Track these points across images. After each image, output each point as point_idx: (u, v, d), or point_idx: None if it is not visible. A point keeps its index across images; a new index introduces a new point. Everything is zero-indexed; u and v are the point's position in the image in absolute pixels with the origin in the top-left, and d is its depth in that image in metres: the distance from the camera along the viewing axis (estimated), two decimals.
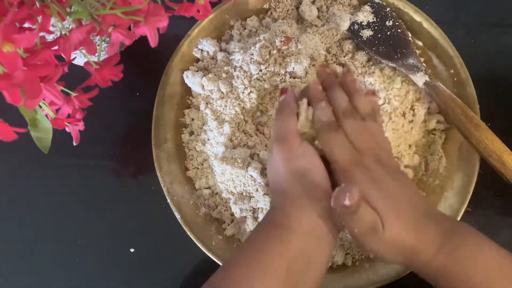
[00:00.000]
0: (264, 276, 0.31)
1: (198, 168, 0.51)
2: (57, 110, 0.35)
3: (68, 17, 0.29)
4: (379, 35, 0.51)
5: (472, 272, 0.31)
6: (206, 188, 0.50)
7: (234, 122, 0.48)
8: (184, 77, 0.51)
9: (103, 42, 0.48)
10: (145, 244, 0.51)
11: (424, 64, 0.50)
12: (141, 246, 0.51)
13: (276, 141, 0.37)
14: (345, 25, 0.51)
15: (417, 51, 0.51)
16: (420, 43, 0.52)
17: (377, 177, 0.34)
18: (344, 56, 0.52)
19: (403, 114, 0.50)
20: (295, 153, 0.35)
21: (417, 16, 0.51)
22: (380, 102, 0.49)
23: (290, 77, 0.48)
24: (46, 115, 0.35)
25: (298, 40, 0.49)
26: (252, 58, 0.48)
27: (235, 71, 0.48)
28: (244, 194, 0.47)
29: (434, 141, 0.51)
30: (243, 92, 0.48)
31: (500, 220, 0.50)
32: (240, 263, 0.33)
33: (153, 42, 0.31)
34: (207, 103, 0.50)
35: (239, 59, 0.48)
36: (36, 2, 0.28)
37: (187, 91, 0.52)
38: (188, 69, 0.51)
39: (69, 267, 0.51)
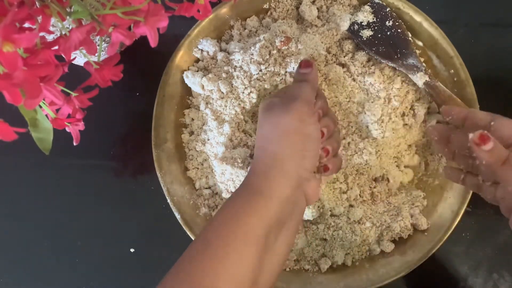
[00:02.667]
0: (245, 245, 0.32)
1: (198, 168, 0.51)
2: (57, 110, 0.35)
3: (68, 17, 0.29)
4: (379, 35, 0.51)
5: None
6: (206, 188, 0.50)
7: (234, 122, 0.48)
8: (184, 77, 0.51)
9: (103, 42, 0.48)
10: (145, 244, 0.51)
11: (424, 64, 0.50)
12: (141, 246, 0.51)
13: (293, 99, 0.36)
14: (345, 25, 0.51)
15: (417, 51, 0.51)
16: (420, 43, 0.52)
17: None
18: (344, 56, 0.52)
19: (403, 114, 0.50)
20: (310, 118, 0.36)
21: (417, 16, 0.51)
22: (381, 101, 0.49)
23: (290, 77, 0.48)
24: (46, 115, 0.35)
25: (298, 40, 0.49)
26: (252, 58, 0.48)
27: (235, 71, 0.48)
28: None
29: None
30: (243, 92, 0.48)
31: (500, 220, 0.50)
32: (220, 230, 0.33)
33: (153, 42, 0.31)
34: (207, 103, 0.50)
35: (239, 59, 0.48)
36: (36, 2, 0.28)
37: (187, 91, 0.52)
38: (188, 69, 0.51)
39: (69, 267, 0.51)
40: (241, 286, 0.31)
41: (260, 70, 0.47)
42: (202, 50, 0.52)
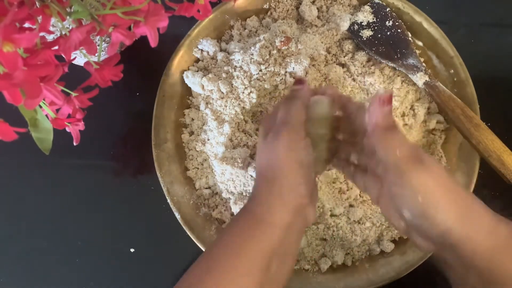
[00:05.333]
0: (246, 276, 0.32)
1: (198, 168, 0.51)
2: (57, 110, 0.35)
3: (68, 17, 0.29)
4: (379, 35, 0.51)
5: None
6: (206, 188, 0.50)
7: (234, 122, 0.48)
8: (184, 77, 0.51)
9: (103, 42, 0.48)
10: (145, 244, 0.51)
11: (424, 64, 0.50)
12: (141, 246, 0.51)
13: (283, 126, 0.36)
14: (345, 25, 0.51)
15: (417, 51, 0.51)
16: (420, 43, 0.52)
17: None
18: (344, 56, 0.52)
19: (403, 114, 0.50)
20: (300, 144, 0.35)
21: (417, 16, 0.51)
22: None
23: (290, 77, 0.48)
24: (46, 115, 0.35)
25: (298, 40, 0.49)
26: (252, 58, 0.48)
27: (235, 71, 0.48)
28: (244, 194, 0.47)
29: (434, 141, 0.51)
30: (243, 92, 0.48)
31: None
32: (220, 259, 0.33)
33: (153, 42, 0.31)
34: (207, 103, 0.50)
35: (239, 59, 0.48)
36: (36, 2, 0.28)
37: (187, 91, 0.52)
38: (188, 69, 0.51)
39: (69, 267, 0.51)
40: None
41: (260, 70, 0.47)
42: (202, 50, 0.52)
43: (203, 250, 0.46)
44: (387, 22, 0.51)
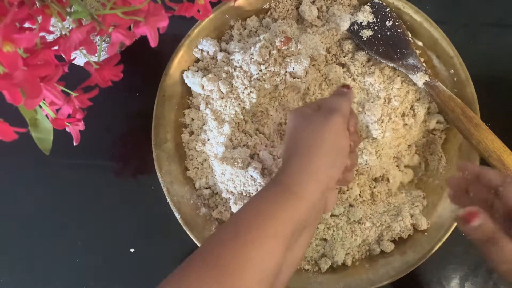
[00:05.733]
0: (275, 240, 0.33)
1: (198, 168, 0.51)
2: (57, 110, 0.35)
3: (68, 17, 0.29)
4: (379, 35, 0.51)
5: None
6: (206, 188, 0.50)
7: (234, 122, 0.48)
8: (184, 77, 0.51)
9: (103, 42, 0.48)
10: (145, 244, 0.51)
11: (424, 64, 0.50)
12: (141, 246, 0.51)
13: (334, 111, 0.38)
14: (345, 25, 0.51)
15: (417, 51, 0.51)
16: (420, 43, 0.52)
17: None
18: (344, 56, 0.52)
19: (403, 114, 0.50)
20: (344, 132, 0.38)
21: (417, 16, 0.51)
22: (381, 101, 0.49)
23: (290, 77, 0.48)
24: (46, 115, 0.35)
25: (298, 40, 0.49)
26: (252, 58, 0.48)
27: (235, 71, 0.48)
28: (244, 194, 0.47)
29: (434, 141, 0.51)
30: (243, 92, 0.48)
31: None
32: (251, 222, 0.34)
33: (153, 42, 0.31)
34: (207, 103, 0.50)
35: (239, 59, 0.48)
36: (36, 2, 0.28)
37: (187, 91, 0.52)
38: (188, 69, 0.51)
39: (69, 267, 0.51)
40: (265, 279, 0.32)
41: (260, 70, 0.47)
42: (202, 50, 0.52)
43: None
44: (387, 22, 0.51)
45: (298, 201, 0.34)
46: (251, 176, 0.46)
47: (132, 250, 0.51)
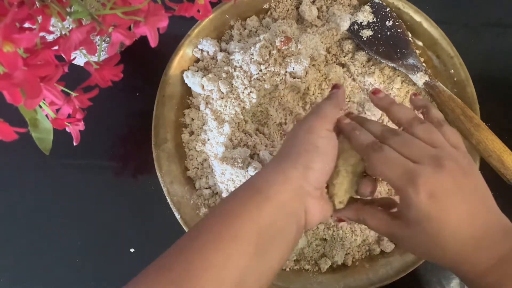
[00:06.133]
0: (236, 240, 0.31)
1: (198, 168, 0.51)
2: (57, 110, 0.35)
3: (68, 17, 0.29)
4: (379, 35, 0.51)
5: None
6: (206, 188, 0.50)
7: (234, 122, 0.48)
8: (184, 77, 0.51)
9: (103, 42, 0.48)
10: (145, 244, 0.51)
11: (424, 64, 0.50)
12: (141, 246, 0.51)
13: (310, 115, 0.37)
14: (345, 25, 0.51)
15: (417, 51, 0.51)
16: (420, 43, 0.52)
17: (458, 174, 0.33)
18: (344, 56, 0.52)
19: None
20: (321, 131, 0.36)
21: (417, 16, 0.51)
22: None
23: (290, 77, 0.48)
24: (46, 115, 0.35)
25: (298, 40, 0.49)
26: (252, 58, 0.48)
27: (235, 71, 0.48)
28: None
29: None
30: (243, 92, 0.48)
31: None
32: (211, 226, 0.32)
33: (153, 42, 0.31)
34: (207, 103, 0.50)
35: (239, 59, 0.48)
36: (36, 2, 0.28)
37: (187, 91, 0.52)
38: (188, 69, 0.51)
39: (69, 267, 0.51)
40: (224, 286, 0.30)
41: (260, 70, 0.47)
42: (202, 50, 0.52)
43: None
44: (387, 22, 0.51)
45: (264, 201, 0.32)
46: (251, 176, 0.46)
47: (132, 250, 0.51)
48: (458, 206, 0.32)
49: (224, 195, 0.49)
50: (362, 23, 0.51)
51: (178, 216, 0.47)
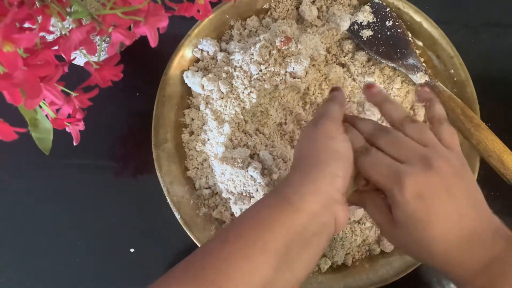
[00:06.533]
0: (262, 255, 0.30)
1: (198, 168, 0.51)
2: (57, 110, 0.35)
3: (68, 17, 0.29)
4: (379, 35, 0.51)
5: None
6: (206, 188, 0.50)
7: (234, 122, 0.48)
8: (184, 77, 0.51)
9: (103, 42, 0.48)
10: (145, 244, 0.51)
11: (424, 64, 0.50)
12: (141, 246, 0.51)
13: (321, 117, 0.37)
14: (345, 25, 0.51)
15: (417, 51, 0.51)
16: (420, 43, 0.52)
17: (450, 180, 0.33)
18: (344, 56, 0.52)
19: None
20: (339, 135, 0.35)
21: (417, 16, 0.51)
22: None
23: (290, 77, 0.48)
24: (46, 115, 0.35)
25: (298, 40, 0.49)
26: (252, 58, 0.48)
27: (235, 71, 0.48)
28: (244, 194, 0.47)
29: None
30: (243, 92, 0.48)
31: (500, 219, 0.50)
32: (241, 232, 0.32)
33: (153, 42, 0.31)
34: (207, 103, 0.50)
35: (239, 59, 0.48)
36: (36, 2, 0.28)
37: (187, 91, 0.52)
38: (188, 69, 0.51)
39: (69, 267, 0.51)
40: None
41: (260, 70, 0.47)
42: (202, 50, 0.52)
43: None
44: (387, 22, 0.51)
45: (295, 212, 0.32)
46: (251, 176, 0.46)
47: (132, 250, 0.51)
48: (446, 207, 0.32)
49: (224, 195, 0.49)
50: (362, 23, 0.51)
51: (178, 216, 0.47)
